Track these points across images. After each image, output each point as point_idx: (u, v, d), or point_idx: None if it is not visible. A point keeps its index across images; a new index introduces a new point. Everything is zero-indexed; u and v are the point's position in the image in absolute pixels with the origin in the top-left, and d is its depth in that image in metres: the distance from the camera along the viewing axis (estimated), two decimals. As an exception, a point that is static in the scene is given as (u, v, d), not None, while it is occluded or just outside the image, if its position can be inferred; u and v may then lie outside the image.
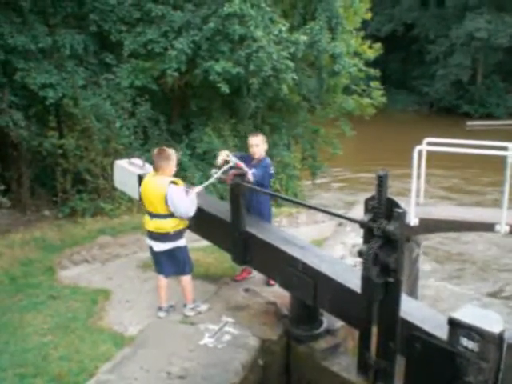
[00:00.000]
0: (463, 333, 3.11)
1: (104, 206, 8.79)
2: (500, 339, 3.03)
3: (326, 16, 11.43)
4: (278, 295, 5.22)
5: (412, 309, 3.64)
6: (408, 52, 40.37)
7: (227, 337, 4.58)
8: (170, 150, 4.78)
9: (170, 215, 4.62)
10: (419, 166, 6.62)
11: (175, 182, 4.63)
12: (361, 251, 3.40)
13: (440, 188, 17.11)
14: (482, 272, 10.61)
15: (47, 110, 9.91)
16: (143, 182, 4.85)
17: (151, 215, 4.71)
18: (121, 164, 6.34)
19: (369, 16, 15.66)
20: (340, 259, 5.57)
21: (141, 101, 9.59)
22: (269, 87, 10.31)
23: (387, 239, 3.35)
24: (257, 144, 5.24)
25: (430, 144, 6.80)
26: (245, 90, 10.65)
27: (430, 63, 37.42)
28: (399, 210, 3.31)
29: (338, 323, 4.72)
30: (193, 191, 4.72)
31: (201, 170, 9.79)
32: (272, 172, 5.41)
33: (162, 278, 4.93)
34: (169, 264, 4.85)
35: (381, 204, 3.37)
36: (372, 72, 14.80)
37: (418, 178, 6.74)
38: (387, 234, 3.32)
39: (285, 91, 10.34)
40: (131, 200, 8.55)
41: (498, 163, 6.71)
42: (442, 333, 3.27)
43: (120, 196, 8.84)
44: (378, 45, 16.19)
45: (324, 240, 6.86)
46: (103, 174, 9.03)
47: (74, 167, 9.08)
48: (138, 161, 6.16)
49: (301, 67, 11.72)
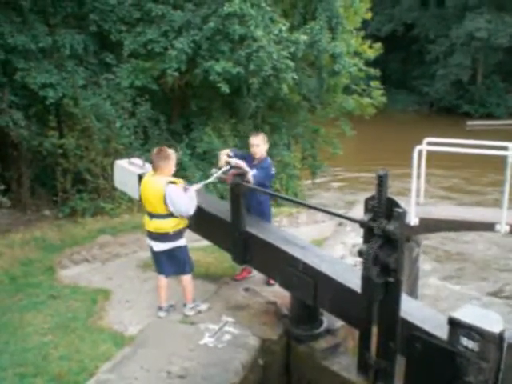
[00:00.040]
0: (463, 332, 3.11)
1: (104, 206, 8.80)
2: (500, 339, 3.03)
3: (327, 16, 11.43)
4: (278, 295, 5.21)
5: (412, 309, 3.64)
6: (408, 52, 40.36)
7: (227, 336, 4.57)
8: (169, 150, 4.76)
9: (170, 215, 4.62)
10: (419, 166, 6.63)
11: (174, 182, 4.62)
12: (361, 251, 3.40)
13: (440, 188, 17.11)
14: (482, 271, 10.61)
15: (47, 110, 9.92)
16: (142, 182, 4.85)
17: (151, 215, 4.71)
18: (121, 164, 6.34)
19: (369, 16, 15.66)
20: (340, 259, 5.56)
21: (141, 101, 9.59)
22: (269, 87, 10.31)
23: (387, 239, 3.35)
24: (257, 144, 5.23)
25: (430, 144, 6.80)
26: (245, 90, 10.65)
27: (430, 63, 37.43)
28: (399, 210, 3.31)
29: (338, 323, 4.72)
30: (191, 188, 4.71)
31: (201, 170, 9.79)
32: (273, 172, 5.39)
33: (162, 278, 4.93)
34: (169, 264, 4.85)
35: (381, 204, 3.36)
36: (372, 72, 14.81)
37: (418, 178, 6.74)
38: (387, 234, 3.32)
39: (285, 91, 10.34)
40: (131, 200, 8.56)
41: (499, 163, 6.72)
42: (442, 333, 3.27)
43: (120, 196, 8.84)
44: (378, 45, 16.20)
45: (324, 240, 6.86)
46: (103, 174, 9.04)
47: (75, 167, 9.09)
48: (138, 161, 6.15)
49: (301, 67, 11.71)
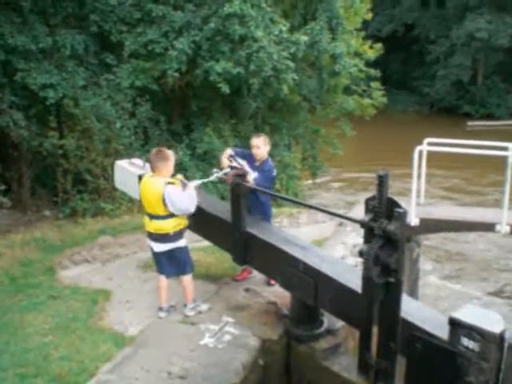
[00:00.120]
0: (464, 333, 3.10)
1: (104, 206, 8.80)
2: (501, 339, 3.02)
3: (327, 16, 11.44)
4: (279, 295, 5.21)
5: (413, 309, 3.64)
6: (408, 52, 40.37)
7: (228, 337, 4.57)
8: (168, 151, 4.76)
9: (169, 216, 4.61)
10: (420, 166, 6.62)
11: (172, 183, 4.61)
12: (361, 251, 3.40)
13: (440, 188, 17.11)
14: (483, 272, 10.60)
15: (47, 111, 9.92)
16: (141, 183, 4.85)
17: (150, 216, 4.71)
18: (121, 164, 6.34)
19: (369, 16, 15.67)
20: (341, 259, 5.56)
21: (141, 101, 9.60)
22: (269, 87, 10.31)
23: (388, 239, 3.34)
24: (258, 146, 5.22)
25: (431, 144, 6.79)
26: (245, 91, 10.65)
27: (431, 63, 37.43)
28: (400, 210, 3.31)
29: (339, 323, 4.71)
30: (191, 185, 4.70)
31: (201, 170, 9.79)
32: (274, 174, 5.39)
33: (163, 279, 4.93)
34: (169, 264, 4.85)
35: (381, 204, 3.36)
36: (372, 72, 14.82)
37: (419, 178, 6.74)
38: (388, 234, 3.31)
39: (285, 91, 10.34)
40: (132, 200, 8.56)
41: (499, 163, 6.71)
42: (443, 333, 3.26)
43: (120, 196, 8.84)
44: (379, 45, 16.20)
45: (324, 240, 6.86)
46: (104, 175, 9.04)
47: (75, 167, 9.10)
48: (139, 161, 6.15)
49: (301, 67, 11.72)
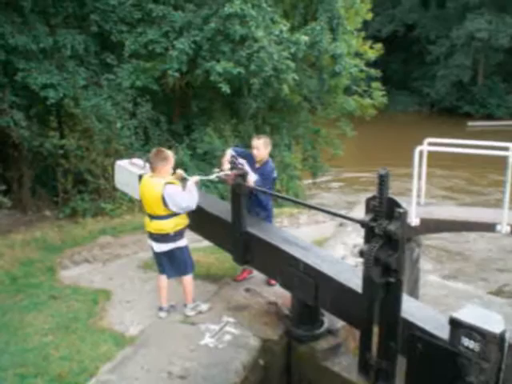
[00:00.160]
0: (464, 333, 3.10)
1: (105, 206, 8.80)
2: (501, 339, 3.02)
3: (327, 16, 11.44)
4: (279, 295, 5.21)
5: (413, 309, 3.63)
6: (409, 53, 40.36)
7: (228, 337, 4.57)
8: (168, 151, 4.76)
9: (169, 216, 4.61)
10: (420, 166, 6.62)
11: (171, 183, 4.62)
12: (362, 251, 3.39)
13: (441, 188, 17.12)
14: (483, 271, 10.60)
15: (48, 111, 9.93)
16: (141, 184, 4.85)
17: (151, 217, 4.71)
18: (122, 164, 6.33)
19: (370, 16, 15.66)
20: (341, 259, 5.56)
21: (142, 101, 9.59)
22: (270, 87, 10.30)
23: (388, 239, 3.33)
24: (257, 147, 5.20)
25: (431, 144, 6.80)
26: (246, 91, 10.64)
27: (431, 64, 37.45)
28: (400, 210, 3.30)
29: (339, 323, 4.71)
30: (190, 182, 4.70)
31: (202, 171, 9.77)
32: (275, 176, 5.38)
33: (163, 278, 4.93)
34: (170, 265, 4.85)
35: (382, 203, 3.35)
36: (373, 73, 14.82)
37: (419, 178, 6.74)
38: (388, 234, 3.31)
39: (286, 91, 10.34)
40: (132, 200, 8.56)
41: (499, 163, 6.71)
42: (443, 333, 3.26)
43: (121, 196, 8.84)
44: (379, 45, 16.19)
45: (325, 240, 6.85)
46: (104, 175, 9.04)
47: (75, 167, 9.10)
48: (139, 161, 6.15)
49: (302, 67, 11.71)
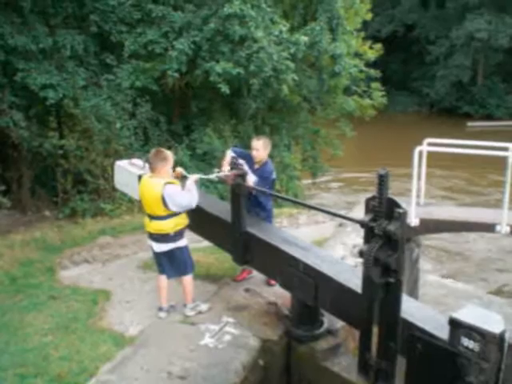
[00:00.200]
0: (464, 333, 3.10)
1: (104, 207, 8.80)
2: (501, 339, 3.02)
3: (327, 17, 11.44)
4: (279, 295, 5.21)
5: (413, 309, 3.64)
6: (408, 53, 40.36)
7: (228, 337, 4.57)
8: (167, 152, 4.77)
9: (169, 216, 4.62)
10: (420, 167, 6.63)
11: (171, 183, 4.62)
12: (361, 251, 3.39)
13: (441, 188, 17.12)
14: (482, 271, 10.61)
15: (48, 111, 9.92)
16: (140, 184, 4.85)
17: (150, 217, 4.71)
18: (121, 165, 6.32)
19: (369, 17, 15.67)
20: (341, 259, 5.56)
21: (141, 101, 9.58)
22: (269, 88, 10.30)
23: (388, 239, 3.33)
24: (257, 149, 5.20)
25: (431, 144, 6.80)
26: (245, 91, 10.64)
27: (431, 64, 37.45)
28: (400, 210, 3.30)
29: (339, 323, 4.71)
30: (190, 180, 4.72)
31: (201, 171, 9.77)
32: (274, 177, 5.37)
33: (163, 279, 4.93)
34: (170, 265, 4.85)
35: (381, 204, 3.35)
36: (372, 73, 14.82)
37: (419, 179, 6.74)
38: (388, 234, 3.30)
39: (285, 92, 10.34)
40: (131, 200, 8.56)
41: (499, 164, 6.72)
42: (443, 333, 3.26)
43: (120, 197, 8.84)
44: (379, 46, 16.20)
45: (324, 240, 6.85)
46: (104, 175, 9.04)
47: (75, 168, 9.10)
48: (139, 161, 6.15)
49: (301, 68, 11.71)
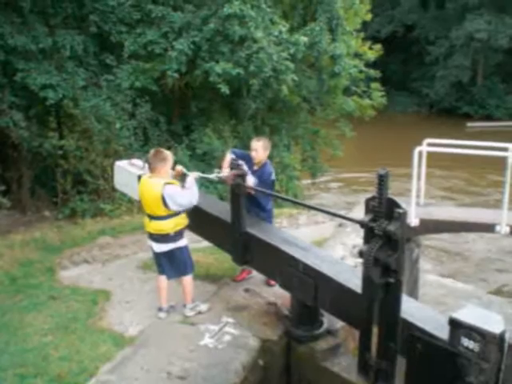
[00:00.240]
0: (464, 333, 3.10)
1: (104, 207, 8.80)
2: (501, 339, 3.02)
3: (326, 17, 11.45)
4: (279, 295, 5.21)
5: (413, 309, 3.64)
6: (408, 53, 40.37)
7: (227, 337, 4.57)
8: (166, 152, 4.77)
9: (169, 216, 4.62)
10: (419, 167, 6.63)
11: (170, 183, 4.63)
12: (361, 251, 3.39)
13: (440, 188, 17.12)
14: (482, 272, 10.61)
15: (47, 111, 9.91)
16: (140, 184, 4.85)
17: (150, 217, 4.71)
18: (121, 165, 6.32)
19: (369, 17, 15.66)
20: (340, 260, 5.56)
21: (141, 102, 9.59)
22: (269, 88, 10.30)
23: (388, 239, 3.34)
24: (256, 149, 5.19)
25: (430, 145, 6.80)
26: (245, 91, 10.64)
27: (430, 64, 37.44)
28: (400, 210, 3.30)
29: (339, 324, 4.71)
30: (190, 177, 4.74)
31: (201, 171, 9.76)
32: (273, 178, 5.36)
33: (163, 279, 4.93)
34: (170, 265, 4.85)
35: (381, 204, 3.35)
36: (372, 73, 14.83)
37: (419, 179, 6.75)
38: (388, 234, 3.31)
39: (285, 92, 10.34)
40: (131, 201, 8.55)
41: (498, 164, 6.72)
42: (443, 333, 3.26)
43: (120, 197, 8.84)
44: (378, 46, 16.20)
45: (324, 241, 6.85)
46: (103, 175, 9.04)
47: (74, 168, 9.10)
48: (139, 162, 6.14)
49: (301, 68, 11.72)
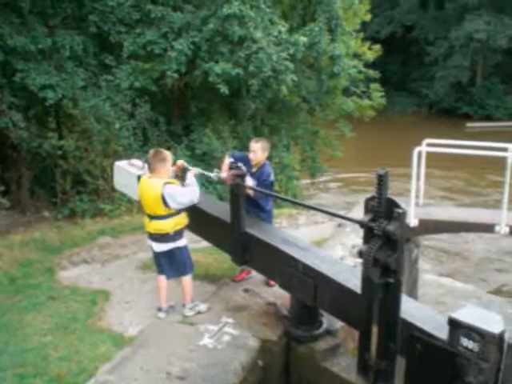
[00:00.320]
0: (463, 333, 3.10)
1: (104, 207, 8.79)
2: (500, 339, 3.02)
3: (326, 17, 11.46)
4: (278, 296, 5.21)
5: (412, 309, 3.64)
6: (407, 54, 40.42)
7: (227, 337, 4.57)
8: (166, 152, 4.78)
9: (169, 215, 4.62)
10: (419, 167, 6.63)
11: (170, 183, 4.64)
12: (361, 251, 3.39)
13: (440, 189, 17.13)
14: (481, 272, 10.61)
15: (47, 111, 9.90)
16: (140, 184, 4.86)
17: (150, 217, 4.72)
18: (120, 165, 6.33)
19: (368, 18, 15.68)
20: (340, 260, 5.56)
21: (140, 102, 9.58)
22: (268, 88, 10.30)
23: (387, 239, 3.34)
24: (254, 151, 5.18)
25: (430, 145, 6.80)
26: (244, 92, 10.64)
27: (430, 65, 37.47)
28: (399, 210, 3.30)
29: (338, 324, 4.71)
30: (190, 174, 4.76)
31: (199, 175, 9.77)
32: (272, 180, 5.36)
33: (162, 279, 4.93)
34: (169, 265, 4.85)
35: (381, 204, 3.36)
36: (371, 74, 14.84)
37: (418, 179, 6.75)
38: (387, 234, 3.31)
39: (284, 92, 10.34)
40: (131, 201, 8.55)
41: (498, 164, 6.73)
42: (443, 333, 3.26)
43: (120, 197, 8.83)
44: (377, 46, 16.22)
45: (324, 241, 6.85)
46: (103, 175, 9.03)
47: (74, 168, 9.09)
48: (138, 162, 6.15)
49: (300, 68, 11.72)
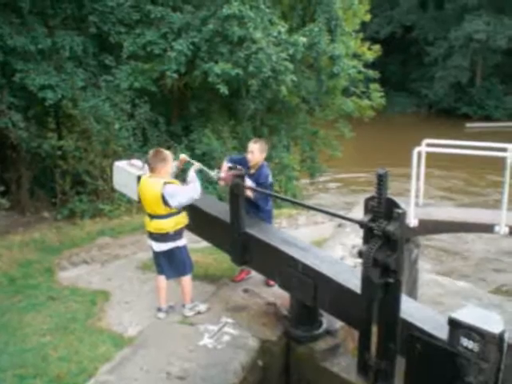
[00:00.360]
0: (463, 333, 3.10)
1: (103, 208, 8.79)
2: (500, 339, 3.03)
3: (325, 18, 11.47)
4: (278, 296, 5.21)
5: (412, 309, 3.64)
6: (407, 54, 40.42)
7: (227, 337, 4.56)
8: (166, 152, 4.79)
9: (169, 215, 4.63)
10: (418, 167, 6.63)
11: (170, 182, 4.64)
12: (361, 252, 3.40)
13: (439, 189, 17.13)
14: (481, 272, 10.62)
15: (46, 112, 9.90)
16: (140, 184, 4.87)
17: (151, 216, 4.72)
18: (120, 165, 6.32)
19: (368, 18, 15.70)
20: (340, 260, 5.56)
21: (140, 102, 9.58)
22: (268, 89, 10.30)
23: (387, 239, 3.34)
24: (252, 151, 5.18)
25: (429, 145, 6.81)
26: (244, 92, 10.64)
27: (429, 65, 37.49)
28: (399, 211, 3.31)
29: (338, 324, 4.72)
30: (192, 171, 4.78)
31: (200, 171, 9.75)
32: (271, 181, 5.36)
33: (162, 279, 4.92)
34: (169, 265, 4.85)
35: (381, 204, 3.36)
36: (371, 74, 14.84)
37: (418, 179, 6.75)
38: (387, 235, 3.31)
39: (284, 93, 10.35)
40: (130, 201, 8.54)
41: (497, 164, 6.74)
42: (442, 333, 3.26)
43: (119, 197, 8.83)
44: (377, 47, 16.22)
45: (324, 241, 6.85)
46: (102, 176, 9.02)
47: (73, 169, 9.09)
48: (138, 162, 6.14)
49: (300, 69, 11.72)
